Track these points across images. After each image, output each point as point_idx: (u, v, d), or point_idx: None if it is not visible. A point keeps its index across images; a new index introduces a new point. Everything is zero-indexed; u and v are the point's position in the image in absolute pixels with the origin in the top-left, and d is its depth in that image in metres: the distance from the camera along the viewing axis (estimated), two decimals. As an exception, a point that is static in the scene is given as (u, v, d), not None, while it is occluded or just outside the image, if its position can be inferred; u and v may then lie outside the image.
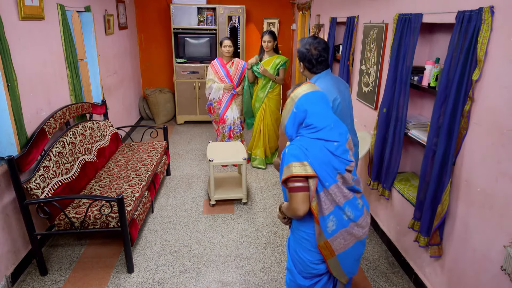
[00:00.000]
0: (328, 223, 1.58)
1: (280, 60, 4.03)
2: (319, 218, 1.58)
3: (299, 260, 1.73)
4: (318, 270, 1.71)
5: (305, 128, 1.60)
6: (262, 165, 4.39)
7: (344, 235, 1.62)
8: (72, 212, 2.52)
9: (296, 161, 1.53)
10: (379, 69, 2.86)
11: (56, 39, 3.11)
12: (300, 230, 1.70)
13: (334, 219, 1.59)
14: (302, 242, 1.70)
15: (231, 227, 3.17)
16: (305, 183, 1.54)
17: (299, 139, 1.61)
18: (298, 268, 1.76)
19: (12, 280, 2.42)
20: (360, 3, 3.29)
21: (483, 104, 1.79)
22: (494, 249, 1.74)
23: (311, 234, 1.65)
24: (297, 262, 1.75)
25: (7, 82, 2.33)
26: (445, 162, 1.99)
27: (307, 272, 1.73)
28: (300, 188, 1.54)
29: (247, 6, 6.00)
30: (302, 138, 1.60)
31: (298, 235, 1.71)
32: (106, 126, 3.68)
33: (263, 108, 4.22)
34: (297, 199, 1.55)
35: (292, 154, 1.55)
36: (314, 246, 1.67)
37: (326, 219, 1.58)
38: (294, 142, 1.59)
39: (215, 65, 4.25)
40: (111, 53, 4.74)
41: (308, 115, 1.59)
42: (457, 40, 1.86)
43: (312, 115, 1.59)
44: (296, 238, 1.73)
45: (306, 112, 1.59)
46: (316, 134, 1.57)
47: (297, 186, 1.54)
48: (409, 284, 2.51)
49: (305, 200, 1.55)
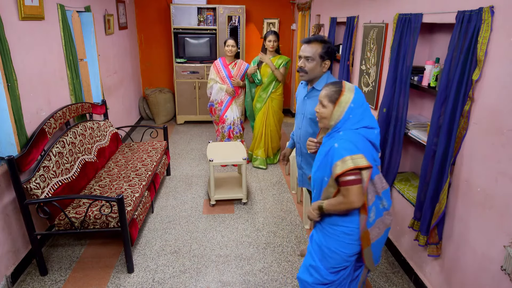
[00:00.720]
0: (370, 213, 1.66)
1: (282, 61, 4.03)
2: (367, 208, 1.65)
3: (332, 256, 1.74)
4: (349, 263, 1.76)
5: (352, 118, 1.66)
6: (263, 165, 4.39)
7: (379, 224, 1.71)
8: (72, 212, 2.52)
9: (355, 153, 1.58)
10: (379, 69, 2.86)
11: (56, 39, 3.11)
12: (339, 226, 1.71)
13: (374, 209, 1.68)
14: (340, 237, 1.71)
15: (231, 227, 3.17)
16: (359, 175, 1.59)
17: (343, 134, 1.65)
18: (328, 264, 1.76)
19: (12, 280, 2.42)
20: (360, 3, 3.29)
21: (483, 104, 1.79)
22: (494, 249, 1.74)
23: (353, 227, 1.69)
24: (329, 258, 1.75)
25: (7, 82, 2.33)
26: (445, 162, 1.99)
27: (339, 266, 1.75)
28: (356, 181, 1.58)
29: (247, 6, 6.00)
30: (347, 132, 1.65)
31: (338, 231, 1.72)
32: (106, 126, 3.68)
33: (266, 108, 4.21)
34: (354, 191, 1.59)
35: (346, 148, 1.59)
36: (354, 239, 1.70)
37: (369, 210, 1.66)
38: (342, 137, 1.64)
39: (217, 65, 4.24)
40: (111, 53, 4.74)
41: (359, 107, 1.66)
42: (457, 40, 1.86)
43: (362, 105, 1.68)
44: (332, 233, 1.74)
45: (358, 105, 1.66)
46: (360, 123, 1.66)
47: (354, 179, 1.58)
48: (409, 284, 2.51)
49: (361, 192, 1.60)
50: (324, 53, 2.02)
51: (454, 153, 1.95)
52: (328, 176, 1.68)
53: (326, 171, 1.69)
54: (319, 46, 2.01)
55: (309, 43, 2.04)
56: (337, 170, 1.60)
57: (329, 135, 1.75)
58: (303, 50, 2.07)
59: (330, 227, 1.75)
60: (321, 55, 2.01)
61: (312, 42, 2.04)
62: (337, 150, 1.61)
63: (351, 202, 1.60)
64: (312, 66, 2.03)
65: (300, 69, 2.08)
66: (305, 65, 2.04)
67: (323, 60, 2.03)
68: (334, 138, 1.68)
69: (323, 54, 2.01)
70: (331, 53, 2.04)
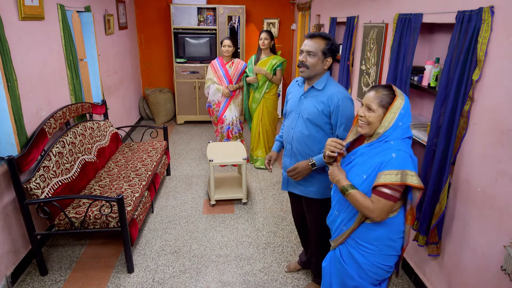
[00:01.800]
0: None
1: (276, 61, 4.02)
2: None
3: (375, 271, 1.67)
4: (391, 272, 1.72)
5: (400, 127, 1.56)
6: (264, 165, 4.40)
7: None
8: (72, 212, 2.52)
9: (408, 169, 1.49)
10: (379, 69, 2.86)
11: (56, 39, 3.11)
12: (385, 239, 1.63)
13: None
14: (385, 251, 1.64)
15: (231, 227, 3.17)
16: (399, 194, 1.51)
17: (398, 144, 1.54)
18: (371, 279, 1.69)
19: (12, 280, 2.42)
20: (360, 3, 3.29)
21: (483, 104, 1.79)
22: (494, 249, 1.74)
23: (397, 238, 1.63)
24: (372, 273, 1.67)
25: (7, 82, 2.33)
26: (445, 162, 1.99)
27: (382, 278, 1.71)
28: (391, 197, 1.50)
29: (247, 6, 6.00)
30: (400, 143, 1.54)
31: (382, 245, 1.63)
32: (106, 126, 3.68)
33: (260, 109, 4.23)
34: (385, 206, 1.51)
35: (404, 161, 1.49)
36: (397, 250, 1.65)
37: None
38: (400, 148, 1.52)
39: (214, 65, 4.25)
40: (111, 53, 4.74)
41: (408, 115, 1.58)
42: (457, 40, 1.86)
43: (410, 114, 1.59)
44: (372, 249, 1.64)
45: (407, 113, 1.57)
46: (407, 133, 1.57)
47: (390, 195, 1.50)
48: (409, 284, 2.51)
49: (389, 210, 1.53)
50: (327, 49, 1.96)
51: (454, 153, 1.95)
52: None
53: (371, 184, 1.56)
54: (322, 42, 1.96)
55: (312, 38, 1.98)
56: (381, 180, 1.49)
57: (373, 145, 1.59)
58: (305, 44, 2.00)
59: (371, 244, 1.64)
60: (323, 52, 1.96)
61: (315, 37, 1.98)
62: (393, 160, 1.50)
63: (373, 212, 1.52)
64: (314, 62, 1.96)
65: (301, 64, 2.00)
66: (307, 59, 1.97)
67: (325, 57, 1.97)
68: (388, 148, 1.54)
69: (326, 51, 1.96)
70: (334, 51, 1.99)
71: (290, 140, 2.14)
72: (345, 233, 1.71)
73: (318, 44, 1.95)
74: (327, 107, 1.97)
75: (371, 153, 1.59)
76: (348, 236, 1.70)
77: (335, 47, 2.00)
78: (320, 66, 1.98)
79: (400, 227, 1.62)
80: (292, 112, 2.13)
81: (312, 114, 2.01)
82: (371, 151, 1.59)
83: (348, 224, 1.69)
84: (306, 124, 2.04)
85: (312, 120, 2.01)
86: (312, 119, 2.01)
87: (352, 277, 1.70)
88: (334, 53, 1.99)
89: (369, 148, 1.61)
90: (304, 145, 2.07)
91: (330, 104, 1.96)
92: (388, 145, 1.54)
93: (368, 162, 1.58)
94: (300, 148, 2.09)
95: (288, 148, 2.17)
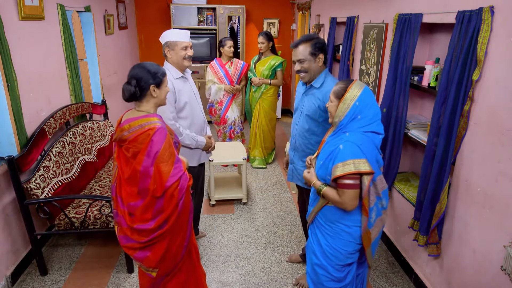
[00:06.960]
0: (372, 214, 1.68)
1: (275, 62, 4.02)
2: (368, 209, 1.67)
3: (334, 253, 1.77)
4: (352, 259, 1.79)
5: (360, 120, 1.65)
6: (262, 164, 4.39)
7: (378, 223, 1.74)
8: (72, 212, 2.52)
9: (358, 158, 1.58)
10: (379, 69, 2.86)
11: (56, 39, 3.11)
12: (340, 223, 1.74)
13: (375, 209, 1.70)
14: (341, 235, 1.74)
15: (231, 227, 3.17)
16: (358, 180, 1.61)
17: (350, 135, 1.65)
18: (332, 262, 1.79)
19: (12, 280, 2.42)
20: (360, 3, 3.29)
21: (483, 104, 1.79)
22: (494, 249, 1.74)
23: (354, 226, 1.72)
24: (331, 256, 1.78)
25: (7, 82, 2.33)
26: (445, 162, 1.99)
27: (343, 263, 1.78)
28: (353, 186, 1.61)
29: (247, 6, 6.00)
30: (354, 134, 1.65)
31: (338, 228, 1.75)
32: (106, 126, 3.68)
33: (257, 109, 4.24)
34: (350, 196, 1.63)
35: (352, 151, 1.60)
36: (354, 237, 1.73)
37: (371, 211, 1.68)
38: (349, 139, 1.63)
39: (214, 66, 4.24)
40: (111, 53, 4.74)
41: (368, 108, 1.66)
42: (457, 40, 1.86)
43: (371, 108, 1.67)
44: (331, 231, 1.77)
45: (366, 106, 1.66)
46: (369, 127, 1.66)
47: (352, 184, 1.61)
48: (409, 284, 2.51)
49: (356, 197, 1.64)
50: (314, 49, 2.07)
51: (454, 153, 1.95)
52: (330, 175, 1.69)
53: (328, 170, 1.70)
54: (307, 45, 2.08)
55: (296, 46, 2.11)
56: (337, 172, 1.62)
57: (335, 134, 1.75)
58: (294, 55, 2.15)
59: (329, 226, 1.78)
60: (311, 53, 2.08)
61: (299, 44, 2.10)
62: (341, 151, 1.62)
63: (343, 204, 1.65)
64: (308, 66, 2.10)
65: (299, 72, 2.15)
66: (301, 67, 2.12)
67: (315, 56, 2.09)
68: (340, 139, 1.68)
69: (313, 51, 2.07)
70: (321, 47, 2.09)
71: (294, 135, 2.33)
72: (312, 211, 1.88)
73: (304, 49, 2.08)
74: (323, 103, 2.11)
75: (331, 142, 1.74)
76: (314, 216, 1.87)
77: (320, 43, 2.10)
78: (315, 65, 2.11)
79: (355, 216, 1.71)
80: (297, 109, 2.32)
81: (310, 110, 2.18)
82: (333, 140, 1.73)
83: (314, 203, 1.87)
84: (306, 119, 2.21)
85: (311, 115, 2.18)
86: (311, 115, 2.18)
87: (316, 254, 1.85)
88: (322, 48, 2.10)
89: (332, 137, 1.76)
90: (304, 139, 2.25)
91: (325, 100, 2.10)
92: (342, 136, 1.68)
93: (325, 150, 1.75)
94: (301, 142, 2.28)
95: (292, 142, 2.37)
